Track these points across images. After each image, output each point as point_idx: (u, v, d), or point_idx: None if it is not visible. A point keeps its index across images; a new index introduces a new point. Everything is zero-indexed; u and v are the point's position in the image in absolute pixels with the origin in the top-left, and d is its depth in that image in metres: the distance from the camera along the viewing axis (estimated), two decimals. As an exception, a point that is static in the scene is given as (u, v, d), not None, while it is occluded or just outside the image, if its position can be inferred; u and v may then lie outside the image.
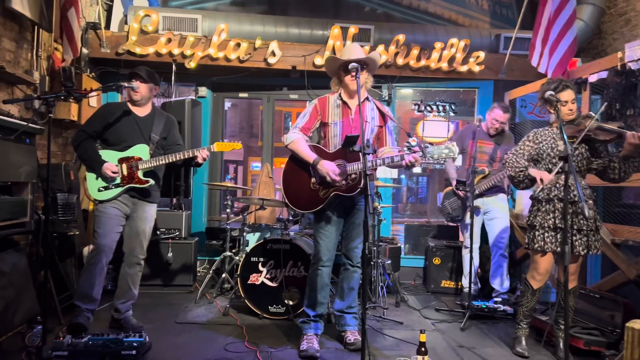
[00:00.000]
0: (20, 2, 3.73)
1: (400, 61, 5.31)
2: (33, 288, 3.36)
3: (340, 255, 3.41)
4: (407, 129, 7.02)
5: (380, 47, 5.25)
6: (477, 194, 4.37)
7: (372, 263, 4.35)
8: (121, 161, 3.35)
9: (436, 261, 5.10)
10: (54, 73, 4.43)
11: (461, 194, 4.53)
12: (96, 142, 3.41)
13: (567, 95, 3.14)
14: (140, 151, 3.38)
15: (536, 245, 3.17)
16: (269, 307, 3.83)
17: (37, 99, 3.04)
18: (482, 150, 4.53)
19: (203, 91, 5.66)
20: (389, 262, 4.68)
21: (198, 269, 5.24)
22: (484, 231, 4.64)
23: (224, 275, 4.51)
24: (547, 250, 3.13)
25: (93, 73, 5.15)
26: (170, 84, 5.37)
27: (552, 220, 3.12)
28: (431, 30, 5.60)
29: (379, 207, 4.51)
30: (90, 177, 3.35)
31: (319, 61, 5.25)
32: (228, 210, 4.68)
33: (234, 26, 5.28)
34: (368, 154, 2.69)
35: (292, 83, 5.71)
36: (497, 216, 4.48)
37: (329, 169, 3.05)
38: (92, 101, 4.78)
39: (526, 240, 3.29)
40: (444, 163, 4.58)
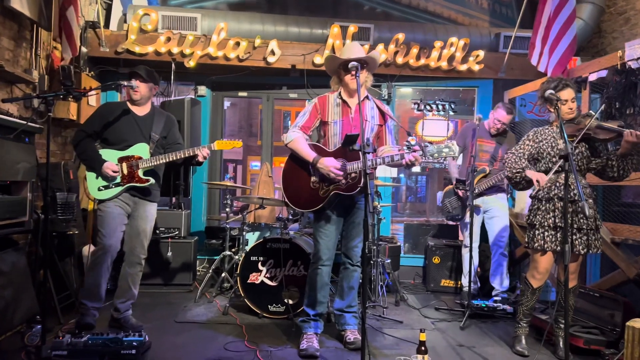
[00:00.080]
0: (19, 1, 3.71)
1: (399, 60, 5.30)
2: (32, 287, 3.36)
3: (340, 254, 3.41)
4: (407, 128, 7.02)
5: (379, 46, 5.25)
6: (477, 193, 4.37)
7: (372, 262, 4.34)
8: (121, 160, 3.35)
9: (436, 260, 5.10)
10: (53, 72, 4.42)
11: (460, 193, 4.52)
12: (96, 142, 3.40)
13: (567, 94, 3.14)
14: (140, 150, 3.38)
15: (536, 244, 3.16)
16: (269, 306, 3.83)
17: (36, 98, 3.03)
18: (483, 149, 4.53)
19: (202, 90, 5.65)
20: (389, 261, 4.68)
21: (197, 268, 5.24)
22: (484, 230, 4.64)
23: (224, 274, 4.50)
24: (547, 249, 3.13)
25: (92, 72, 5.14)
26: (169, 83, 5.37)
27: (552, 219, 3.11)
28: (431, 29, 5.60)
29: (379, 206, 4.50)
30: (90, 177, 3.35)
31: (319, 60, 5.24)
32: (227, 209, 4.68)
33: (233, 25, 5.27)
34: (368, 153, 2.68)
35: (292, 82, 5.71)
36: (497, 215, 4.48)
37: (330, 165, 3.03)
38: (92, 100, 4.78)
39: (526, 239, 3.28)
40: (444, 162, 4.58)
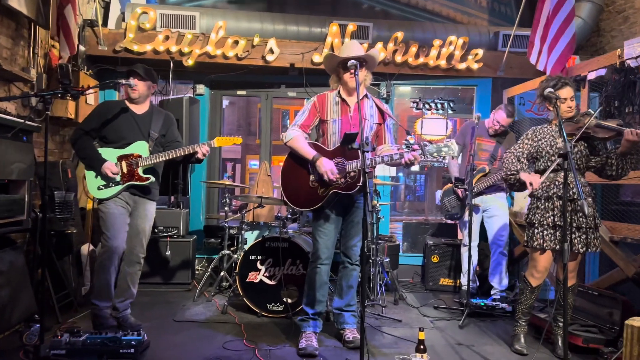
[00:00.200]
0: (16, -1, 3.71)
1: (398, 59, 5.29)
2: (30, 286, 3.35)
3: (339, 253, 3.41)
4: (406, 127, 7.02)
5: (378, 45, 5.24)
6: (476, 192, 4.36)
7: (371, 261, 4.34)
8: (120, 159, 3.34)
9: (434, 259, 5.10)
10: (51, 70, 4.41)
11: (459, 192, 4.52)
12: (94, 140, 3.39)
13: (566, 92, 3.14)
14: (139, 148, 3.37)
15: (535, 242, 3.16)
16: (268, 305, 3.83)
17: (34, 97, 3.01)
18: (483, 148, 4.52)
19: (201, 89, 5.64)
20: (388, 260, 4.68)
21: (196, 267, 5.23)
22: (483, 229, 4.64)
23: (223, 273, 4.50)
24: (546, 247, 3.13)
25: (90, 70, 5.12)
26: (167, 82, 5.35)
27: (551, 217, 3.11)
28: (429, 27, 5.59)
29: (378, 205, 4.50)
30: (89, 176, 3.33)
31: (317, 59, 5.23)
32: (226, 208, 4.67)
33: (232, 23, 5.26)
34: (367, 152, 2.68)
35: (290, 81, 5.70)
36: (496, 214, 4.47)
37: (327, 169, 3.03)
38: (90, 99, 4.76)
39: (525, 237, 3.28)
40: (443, 161, 4.57)
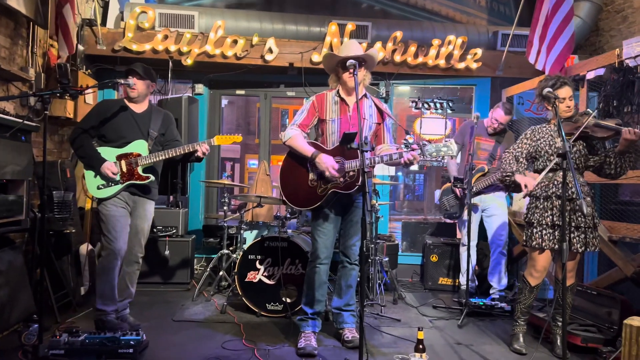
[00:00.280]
0: (15, -2, 3.70)
1: (397, 58, 5.29)
2: (29, 286, 3.35)
3: (338, 252, 3.41)
4: (405, 126, 7.02)
5: (377, 44, 5.24)
6: (475, 192, 4.36)
7: (370, 260, 4.34)
8: (120, 158, 3.32)
9: (433, 258, 5.10)
10: (50, 70, 4.40)
11: (458, 192, 4.52)
12: (93, 139, 3.37)
13: (565, 92, 3.14)
14: (139, 147, 3.35)
15: (534, 242, 3.16)
16: (267, 305, 3.83)
17: (33, 96, 3.00)
18: (482, 147, 4.52)
19: (200, 88, 5.63)
20: (387, 260, 4.68)
21: (195, 267, 5.23)
22: (482, 228, 4.64)
23: (222, 273, 4.49)
24: (545, 247, 3.13)
25: (89, 70, 5.12)
26: (166, 81, 5.35)
27: (550, 217, 3.11)
28: (428, 27, 5.59)
29: (377, 205, 4.50)
30: (88, 175, 3.31)
31: (316, 58, 5.23)
32: (225, 207, 4.67)
33: (231, 23, 5.25)
34: (366, 151, 2.68)
35: (289, 80, 5.70)
36: (496, 213, 4.47)
37: (328, 164, 3.03)
38: (88, 98, 4.76)
39: (524, 237, 3.28)
40: (442, 160, 4.57)
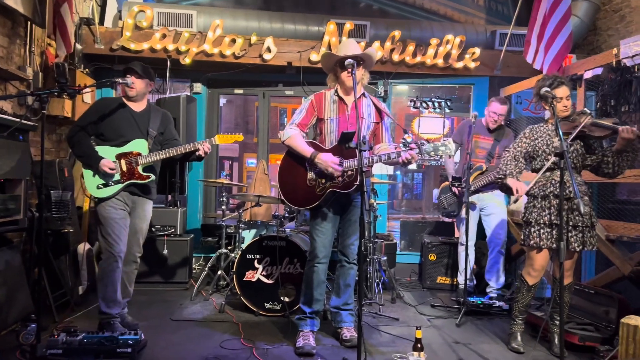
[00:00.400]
0: (12, -3, 3.69)
1: (396, 57, 5.29)
2: (27, 286, 3.34)
3: (336, 252, 3.41)
4: (403, 126, 7.03)
5: (376, 43, 5.24)
6: (473, 191, 4.36)
7: (368, 260, 4.35)
8: (119, 157, 3.26)
9: (432, 257, 5.11)
10: (48, 69, 4.39)
11: (456, 191, 4.52)
12: (91, 138, 3.33)
13: (562, 91, 3.15)
14: (138, 146, 3.30)
15: (532, 241, 3.17)
16: (265, 304, 3.83)
17: (30, 95, 2.99)
18: (480, 145, 4.52)
19: (198, 87, 5.63)
20: (385, 259, 4.69)
21: (194, 266, 5.22)
22: (481, 227, 4.65)
23: (220, 272, 4.50)
24: (543, 246, 3.13)
25: (87, 69, 5.11)
26: (164, 80, 5.34)
27: (548, 216, 3.12)
28: (427, 26, 5.60)
29: (375, 204, 4.50)
30: (87, 174, 3.26)
31: (315, 57, 5.23)
32: (223, 207, 4.66)
33: (229, 22, 5.25)
34: (364, 151, 2.68)
35: (288, 79, 5.69)
36: (494, 212, 4.48)
37: (329, 161, 3.02)
38: (86, 97, 4.75)
39: (522, 236, 3.29)
40: (440, 159, 4.58)
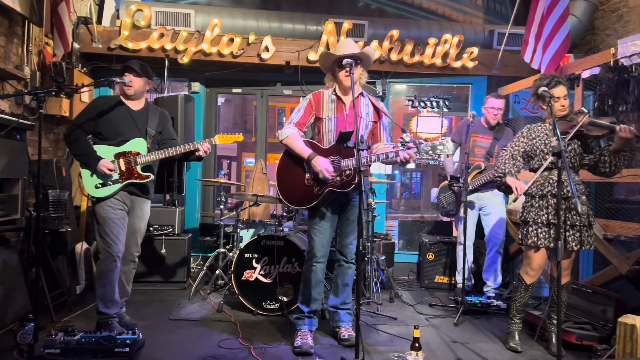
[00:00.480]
0: (9, -4, 3.68)
1: (394, 57, 5.30)
2: (24, 285, 3.34)
3: (334, 251, 3.41)
4: (401, 125, 7.03)
5: (374, 43, 5.24)
6: (472, 190, 4.37)
7: (366, 259, 4.35)
8: (118, 156, 3.23)
9: (430, 257, 5.11)
10: (45, 68, 4.38)
11: (455, 190, 4.52)
12: (89, 137, 3.30)
13: (560, 91, 3.15)
14: (137, 145, 3.27)
15: (529, 240, 3.18)
16: (263, 304, 3.83)
17: (28, 95, 2.98)
18: (480, 144, 4.52)
19: (196, 86, 5.62)
20: (383, 258, 4.69)
21: (192, 266, 5.22)
22: (479, 226, 4.65)
23: (218, 271, 4.50)
24: (541, 245, 3.14)
25: (85, 68, 5.10)
26: (162, 80, 5.33)
27: (546, 215, 3.13)
28: (425, 25, 5.60)
29: (373, 203, 4.51)
30: (85, 174, 3.23)
31: (313, 56, 5.23)
32: (222, 206, 4.66)
33: (227, 21, 5.25)
34: (362, 150, 2.69)
35: (286, 78, 5.69)
36: (493, 211, 4.48)
37: (323, 167, 3.03)
38: (84, 97, 4.74)
39: (519, 235, 3.29)
40: (438, 159, 4.59)
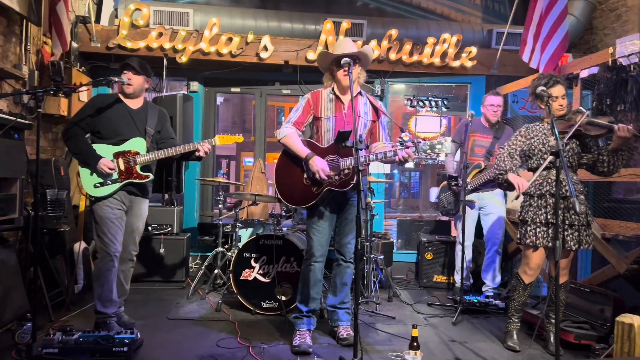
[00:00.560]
0: (7, -5, 3.67)
1: (392, 56, 5.30)
2: (23, 285, 3.33)
3: (333, 250, 3.41)
4: (400, 124, 7.03)
5: (372, 42, 5.24)
6: (472, 189, 4.36)
7: (365, 258, 4.35)
8: (117, 155, 3.21)
9: (428, 256, 5.11)
10: (43, 67, 4.37)
11: (455, 190, 4.52)
12: (87, 135, 3.27)
13: (558, 90, 3.16)
14: (136, 145, 3.25)
15: (528, 240, 3.18)
16: (262, 303, 3.83)
17: (26, 94, 2.97)
18: (480, 144, 4.51)
19: (195, 86, 5.62)
20: (382, 257, 4.69)
21: (190, 265, 5.22)
22: (479, 226, 4.65)
23: (217, 271, 4.49)
24: (539, 245, 3.14)
25: (83, 67, 5.09)
26: (161, 79, 5.33)
27: (544, 215, 3.13)
28: (424, 25, 5.60)
29: (372, 203, 4.51)
30: (84, 173, 3.20)
31: (312, 56, 5.23)
32: (220, 205, 4.66)
33: (226, 20, 5.24)
34: (361, 150, 2.69)
35: (285, 78, 5.69)
36: (493, 211, 4.48)
37: (319, 168, 3.02)
38: (82, 96, 4.74)
39: (518, 235, 3.30)
40: (437, 158, 4.58)
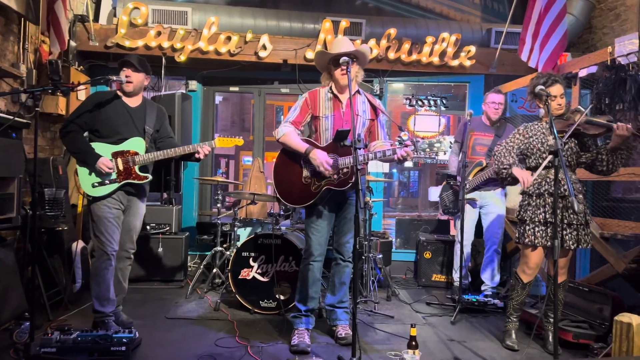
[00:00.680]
0: (5, -6, 3.66)
1: (391, 55, 5.29)
2: (21, 284, 3.32)
3: (331, 250, 3.41)
4: (399, 123, 7.03)
5: (371, 41, 5.23)
6: (472, 187, 4.35)
7: (364, 257, 4.35)
8: (115, 155, 3.17)
9: (427, 255, 5.11)
10: (41, 66, 4.36)
11: (455, 189, 4.52)
12: (85, 134, 3.22)
13: (556, 89, 3.15)
14: (136, 145, 3.22)
15: (527, 239, 3.18)
16: (260, 302, 3.83)
17: (24, 93, 2.96)
18: (481, 142, 4.51)
19: (193, 85, 5.61)
20: (380, 257, 4.69)
21: (189, 264, 5.22)
22: (478, 225, 4.64)
23: (215, 270, 4.49)
24: (538, 244, 3.14)
25: (81, 66, 5.08)
26: (160, 78, 5.32)
27: (543, 214, 3.13)
28: (422, 24, 5.60)
29: (370, 202, 4.50)
30: (82, 172, 3.16)
31: (310, 55, 5.22)
32: (219, 204, 4.66)
33: (225, 19, 5.24)
34: (359, 149, 2.68)
35: (284, 77, 5.69)
36: (493, 211, 4.48)
37: (322, 160, 3.01)
38: (81, 95, 4.73)
39: (517, 234, 3.30)
40: (436, 156, 4.58)
